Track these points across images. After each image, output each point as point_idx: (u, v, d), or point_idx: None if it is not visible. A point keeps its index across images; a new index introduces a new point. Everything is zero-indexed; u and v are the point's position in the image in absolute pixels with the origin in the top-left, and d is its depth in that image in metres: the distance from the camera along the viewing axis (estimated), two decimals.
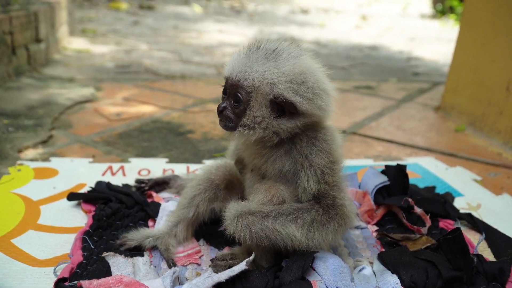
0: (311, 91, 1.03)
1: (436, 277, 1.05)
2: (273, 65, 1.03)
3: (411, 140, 2.26)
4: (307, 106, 1.03)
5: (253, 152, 1.14)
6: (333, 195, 1.06)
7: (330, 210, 1.06)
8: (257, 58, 1.04)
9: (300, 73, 1.03)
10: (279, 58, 1.04)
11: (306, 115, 1.05)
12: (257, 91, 1.03)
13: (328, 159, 1.06)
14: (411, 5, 10.86)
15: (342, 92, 3.15)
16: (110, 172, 1.68)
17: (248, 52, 1.07)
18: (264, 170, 1.13)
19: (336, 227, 1.06)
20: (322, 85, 1.06)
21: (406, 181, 1.43)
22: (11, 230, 1.28)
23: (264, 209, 1.04)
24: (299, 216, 1.04)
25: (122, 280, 0.97)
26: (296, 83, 1.02)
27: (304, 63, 1.06)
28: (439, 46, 5.56)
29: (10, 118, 2.20)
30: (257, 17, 7.71)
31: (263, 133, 1.06)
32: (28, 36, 3.07)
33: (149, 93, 2.87)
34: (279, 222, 1.02)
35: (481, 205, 1.56)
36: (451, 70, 2.72)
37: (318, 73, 1.07)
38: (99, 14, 6.77)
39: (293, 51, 1.07)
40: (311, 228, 1.03)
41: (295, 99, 1.02)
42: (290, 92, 1.02)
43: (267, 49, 1.06)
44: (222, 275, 0.97)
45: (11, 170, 1.64)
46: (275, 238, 1.02)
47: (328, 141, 1.08)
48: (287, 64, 1.03)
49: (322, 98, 1.05)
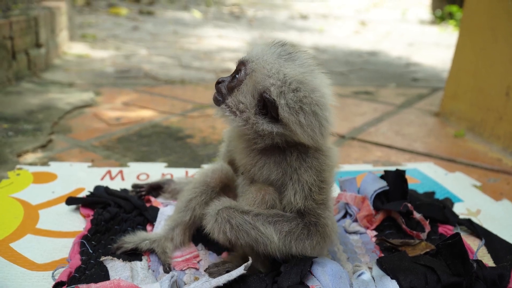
0: (299, 103, 1.00)
1: (435, 283, 1.05)
2: (280, 63, 1.03)
3: (410, 145, 2.26)
4: (287, 116, 1.00)
5: (242, 153, 1.14)
6: (318, 213, 1.05)
7: (311, 228, 1.05)
8: (272, 52, 1.06)
9: (299, 82, 1.01)
10: (289, 61, 1.04)
11: (285, 126, 1.02)
12: (252, 75, 1.04)
13: (317, 177, 1.05)
14: (410, 11, 10.89)
15: (341, 98, 3.15)
16: (109, 177, 1.68)
17: (270, 45, 1.08)
18: (252, 174, 1.12)
19: (313, 244, 1.06)
20: (315, 107, 1.01)
21: (405, 186, 1.43)
22: (10, 234, 1.28)
23: (245, 207, 1.05)
24: (278, 221, 1.03)
25: (120, 284, 0.97)
26: (288, 87, 1.00)
27: (311, 77, 1.03)
28: (438, 52, 5.57)
29: (9, 122, 2.20)
30: (257, 22, 7.72)
31: (243, 125, 1.05)
32: (28, 41, 3.07)
33: (149, 98, 2.88)
34: (259, 220, 1.02)
35: (480, 211, 1.56)
36: (450, 75, 2.73)
37: (319, 94, 1.02)
38: (99, 19, 6.78)
39: (306, 62, 1.05)
40: (288, 238, 1.03)
41: (278, 101, 1.00)
42: (277, 91, 1.00)
43: (285, 50, 1.06)
44: (221, 279, 0.97)
45: (10, 174, 1.64)
46: (255, 236, 1.01)
47: (319, 159, 1.06)
48: (292, 69, 1.02)
49: (308, 118, 1.00)
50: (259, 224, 1.02)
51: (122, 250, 1.18)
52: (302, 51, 1.08)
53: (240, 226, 1.01)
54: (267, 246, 1.02)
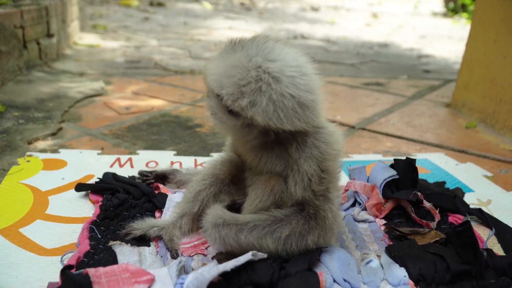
0: (239, 87, 0.94)
1: (445, 271, 1.04)
2: (224, 57, 1.00)
3: (421, 136, 2.24)
4: (231, 103, 0.95)
5: (245, 151, 1.13)
6: (317, 205, 1.02)
7: (311, 222, 1.02)
8: (222, 51, 1.03)
9: (234, 67, 0.95)
10: (231, 53, 1.00)
11: (244, 116, 0.97)
12: (207, 79, 1.03)
13: (317, 167, 1.01)
14: (422, 4, 10.79)
15: (351, 89, 3.13)
16: (118, 164, 1.69)
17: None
18: (259, 170, 1.11)
19: (315, 238, 1.03)
20: (264, 85, 0.93)
21: (416, 175, 1.41)
22: (19, 220, 1.29)
23: (239, 220, 1.03)
24: (277, 229, 1.01)
25: (128, 268, 0.97)
26: (225, 76, 0.96)
27: (260, 60, 0.95)
28: (450, 44, 5.51)
29: (20, 110, 2.21)
30: (267, 14, 7.69)
31: (222, 126, 1.05)
32: (39, 30, 3.09)
33: (158, 88, 2.88)
34: (254, 235, 1.01)
35: (491, 201, 1.54)
36: (462, 67, 2.70)
37: (267, 70, 0.94)
38: (110, 10, 6.79)
39: (254, 47, 0.98)
40: (288, 241, 1.01)
41: (219, 92, 0.97)
42: (218, 84, 0.98)
43: (232, 46, 1.02)
44: (228, 264, 0.96)
45: (21, 161, 1.65)
46: (251, 249, 1.01)
47: (320, 148, 1.01)
48: (232, 57, 0.98)
49: (258, 98, 0.93)
50: (254, 240, 1.01)
51: (130, 236, 1.18)
52: (253, 38, 1.01)
53: (234, 243, 1.02)
54: (266, 254, 1.02)
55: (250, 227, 1.01)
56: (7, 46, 2.59)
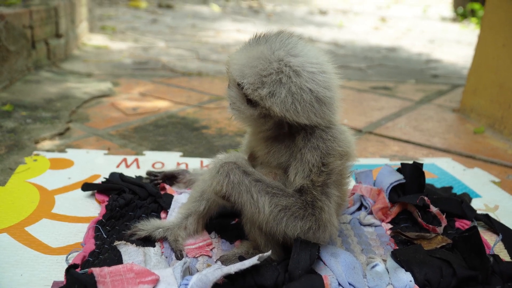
0: (261, 78, 0.98)
1: (451, 276, 1.03)
2: (248, 49, 1.03)
3: (428, 141, 2.23)
4: (251, 92, 0.98)
5: (258, 144, 1.13)
6: (314, 194, 1.02)
7: (308, 209, 1.01)
8: (245, 44, 1.07)
9: (257, 58, 0.99)
10: (255, 46, 1.03)
11: (262, 106, 1.00)
12: (229, 69, 1.05)
13: (319, 159, 1.01)
14: (431, 8, 10.75)
15: (359, 92, 3.12)
16: (125, 164, 1.69)
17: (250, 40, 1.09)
18: (268, 162, 1.11)
19: (305, 228, 1.01)
20: (285, 78, 0.97)
21: (423, 179, 1.40)
22: (26, 218, 1.29)
23: (250, 168, 1.03)
24: (277, 194, 1.01)
25: (133, 268, 0.97)
26: (248, 66, 0.99)
27: (283, 53, 0.99)
28: (459, 49, 5.49)
29: (28, 110, 2.22)
30: (275, 17, 7.70)
31: (239, 116, 1.07)
32: (48, 31, 3.10)
33: (165, 89, 2.88)
34: (257, 187, 1.01)
35: (498, 207, 1.53)
36: (471, 71, 2.68)
37: (289, 64, 0.98)
38: (119, 12, 6.82)
39: (278, 41, 1.01)
40: (281, 213, 1.00)
41: (240, 81, 1.00)
42: (240, 74, 1.01)
43: (256, 39, 1.05)
44: (233, 267, 0.96)
45: (27, 160, 1.66)
46: (246, 200, 1.00)
47: (326, 142, 1.02)
48: (256, 49, 1.01)
49: (278, 89, 0.96)
50: (254, 190, 1.00)
51: (135, 237, 1.18)
52: (278, 33, 1.05)
53: (236, 184, 1.00)
54: (254, 215, 1.01)
55: (255, 178, 1.02)
56: (16, 46, 2.60)
